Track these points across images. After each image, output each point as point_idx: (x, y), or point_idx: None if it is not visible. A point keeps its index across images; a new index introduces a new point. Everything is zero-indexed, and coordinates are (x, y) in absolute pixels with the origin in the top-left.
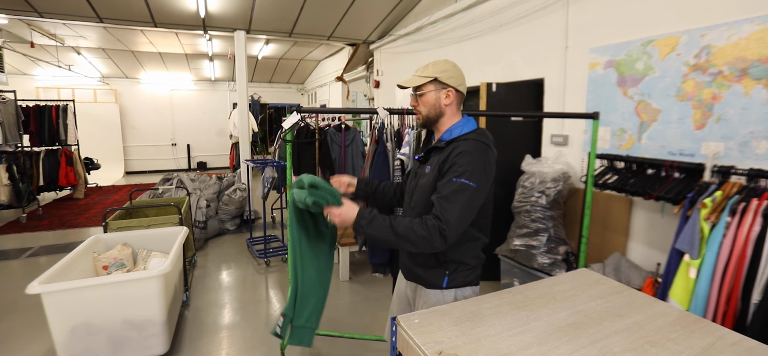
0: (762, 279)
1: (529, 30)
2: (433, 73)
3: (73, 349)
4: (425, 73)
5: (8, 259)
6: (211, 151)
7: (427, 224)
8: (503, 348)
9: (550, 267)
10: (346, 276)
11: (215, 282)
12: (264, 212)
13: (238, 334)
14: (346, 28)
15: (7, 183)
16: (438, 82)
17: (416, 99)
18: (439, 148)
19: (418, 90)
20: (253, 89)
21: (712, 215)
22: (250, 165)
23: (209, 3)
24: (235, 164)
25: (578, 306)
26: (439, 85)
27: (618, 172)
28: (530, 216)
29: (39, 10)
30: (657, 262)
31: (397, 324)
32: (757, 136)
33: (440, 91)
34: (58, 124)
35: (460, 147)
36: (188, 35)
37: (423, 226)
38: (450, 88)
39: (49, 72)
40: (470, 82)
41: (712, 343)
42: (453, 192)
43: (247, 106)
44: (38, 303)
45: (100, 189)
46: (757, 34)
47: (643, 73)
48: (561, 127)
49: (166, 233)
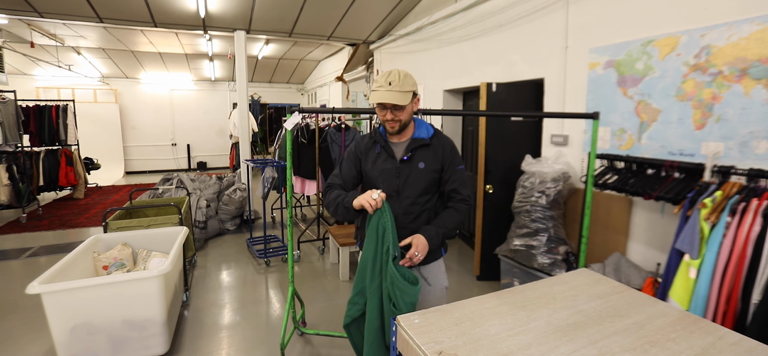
0: (762, 279)
1: (529, 30)
2: (411, 88)
3: (73, 349)
4: (405, 89)
5: (8, 259)
6: (211, 151)
7: (461, 209)
8: (503, 348)
9: (550, 267)
10: (346, 276)
11: (215, 282)
12: (264, 212)
13: (238, 334)
14: (346, 28)
15: (7, 183)
16: (413, 94)
17: (392, 112)
18: (424, 145)
19: (393, 106)
20: (253, 89)
21: (712, 215)
22: (250, 165)
23: (209, 3)
24: (235, 164)
25: (578, 306)
26: (413, 96)
27: (618, 172)
28: (530, 216)
29: (39, 10)
30: (657, 262)
31: (397, 324)
32: (757, 136)
33: (413, 100)
34: (58, 124)
35: (443, 142)
36: (188, 35)
37: (460, 212)
38: (417, 96)
39: (49, 72)
40: (470, 82)
41: (712, 343)
42: (462, 178)
43: (247, 106)
44: (38, 303)
45: (100, 189)
46: (757, 34)
47: (643, 73)
48: (561, 127)
49: (166, 233)
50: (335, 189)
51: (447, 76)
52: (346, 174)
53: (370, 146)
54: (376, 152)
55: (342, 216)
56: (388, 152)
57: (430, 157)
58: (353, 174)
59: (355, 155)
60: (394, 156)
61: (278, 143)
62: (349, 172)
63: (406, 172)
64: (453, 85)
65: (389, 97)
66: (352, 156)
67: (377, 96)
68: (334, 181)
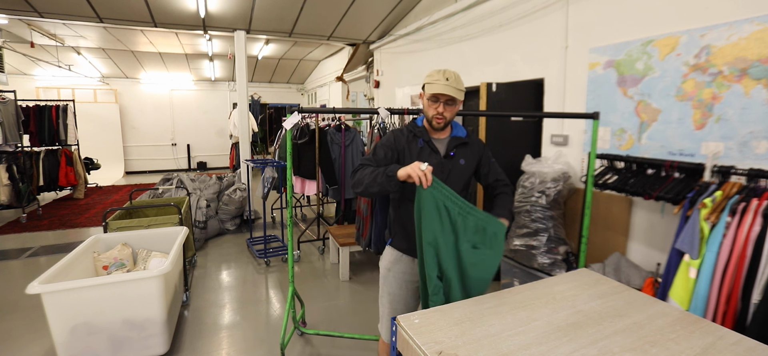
0: (762, 279)
1: (529, 30)
2: (463, 88)
3: (73, 349)
4: (459, 86)
5: (8, 259)
6: (211, 151)
7: (509, 192)
8: (503, 348)
9: (550, 267)
10: (346, 276)
11: (215, 282)
12: (264, 212)
13: (238, 334)
14: (346, 28)
15: (7, 183)
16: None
17: (443, 106)
18: (464, 143)
19: (450, 100)
20: (253, 89)
21: (712, 215)
22: (250, 165)
23: (209, 3)
24: (235, 164)
25: (578, 306)
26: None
27: (618, 172)
28: (530, 216)
29: (39, 10)
30: (657, 262)
31: (397, 324)
32: (757, 136)
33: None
34: (58, 124)
35: (476, 140)
36: (188, 35)
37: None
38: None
39: (49, 72)
40: (470, 82)
41: (712, 343)
42: (499, 167)
43: (247, 106)
44: (38, 303)
45: (100, 189)
46: (757, 34)
47: (643, 73)
48: (561, 127)
49: (166, 233)
50: (369, 167)
51: None
52: (382, 162)
53: (411, 139)
54: (419, 146)
55: (379, 188)
56: (431, 147)
57: (468, 154)
58: (391, 163)
59: (393, 146)
60: (438, 151)
61: (278, 143)
62: (386, 161)
63: (449, 167)
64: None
65: (448, 89)
66: (390, 145)
67: (435, 88)
68: (366, 162)
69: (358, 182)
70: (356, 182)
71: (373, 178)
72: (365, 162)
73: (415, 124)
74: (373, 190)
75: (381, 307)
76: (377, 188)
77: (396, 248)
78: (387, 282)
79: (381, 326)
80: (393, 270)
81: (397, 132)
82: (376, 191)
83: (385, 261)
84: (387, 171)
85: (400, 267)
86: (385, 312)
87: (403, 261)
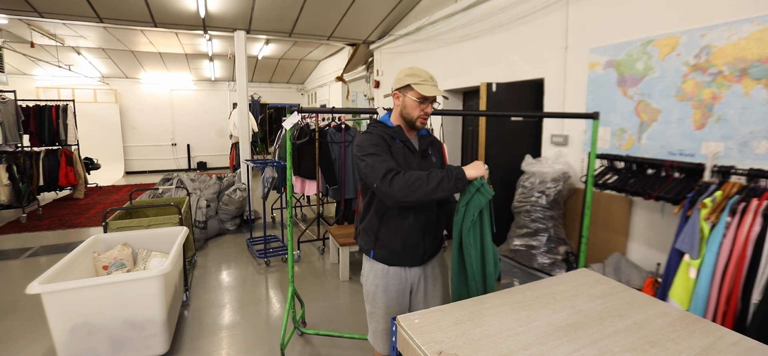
0: (762, 279)
1: (529, 30)
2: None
3: (73, 349)
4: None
5: (8, 259)
6: (211, 151)
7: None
8: (503, 348)
9: (550, 267)
10: (346, 276)
11: (215, 282)
12: (264, 212)
13: (238, 334)
14: (346, 28)
15: (7, 183)
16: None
17: (430, 106)
18: (431, 141)
19: (433, 100)
20: (253, 89)
21: (712, 215)
22: (250, 165)
23: (209, 3)
24: (235, 164)
25: (578, 306)
26: None
27: (618, 172)
28: (530, 216)
29: (39, 10)
30: (657, 262)
31: (397, 324)
32: (757, 136)
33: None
34: (58, 124)
35: (434, 136)
36: (188, 35)
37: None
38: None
39: (49, 72)
40: (470, 82)
41: (712, 343)
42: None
43: (247, 106)
44: (38, 303)
45: (100, 189)
46: (757, 34)
47: (643, 73)
48: (561, 127)
49: (166, 233)
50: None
51: (447, 76)
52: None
53: (389, 140)
54: (398, 146)
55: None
56: (409, 147)
57: (435, 151)
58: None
59: (387, 146)
60: (414, 150)
61: (278, 143)
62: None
63: (426, 164)
64: (453, 84)
65: (437, 91)
66: (383, 145)
67: (429, 90)
68: (390, 167)
69: (410, 190)
70: (406, 190)
71: (437, 183)
72: (389, 167)
73: (385, 124)
74: (435, 196)
75: (374, 322)
76: (443, 193)
77: (381, 261)
78: (377, 297)
79: (375, 340)
80: (382, 286)
81: (377, 132)
82: (440, 196)
83: (371, 278)
84: (451, 174)
85: (390, 281)
86: (380, 328)
87: (391, 274)
